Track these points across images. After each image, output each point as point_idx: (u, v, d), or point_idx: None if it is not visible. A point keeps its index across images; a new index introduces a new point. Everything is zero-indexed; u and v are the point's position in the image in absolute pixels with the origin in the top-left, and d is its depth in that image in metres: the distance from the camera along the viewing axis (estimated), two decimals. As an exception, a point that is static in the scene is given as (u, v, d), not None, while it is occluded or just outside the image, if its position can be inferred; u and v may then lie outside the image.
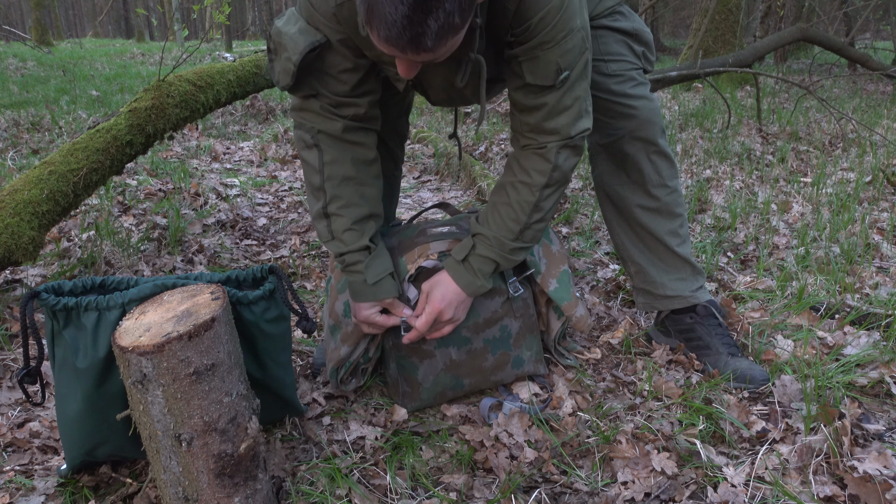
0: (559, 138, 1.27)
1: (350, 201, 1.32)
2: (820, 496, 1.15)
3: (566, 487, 1.21)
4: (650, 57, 1.51)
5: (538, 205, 1.31)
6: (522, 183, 1.31)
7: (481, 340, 1.42)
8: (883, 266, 2.19)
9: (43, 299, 1.04)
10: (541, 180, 1.30)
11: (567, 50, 1.20)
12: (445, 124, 4.82)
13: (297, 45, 1.21)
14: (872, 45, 11.79)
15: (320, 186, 1.33)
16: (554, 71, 1.21)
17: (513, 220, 1.32)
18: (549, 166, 1.29)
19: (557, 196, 1.34)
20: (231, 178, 3.31)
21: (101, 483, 1.19)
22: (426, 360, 1.39)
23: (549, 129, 1.27)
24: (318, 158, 1.32)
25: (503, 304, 1.43)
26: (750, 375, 1.47)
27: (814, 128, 4.56)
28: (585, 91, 1.28)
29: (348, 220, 1.32)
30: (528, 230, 1.33)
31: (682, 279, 1.61)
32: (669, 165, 1.54)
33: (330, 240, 1.34)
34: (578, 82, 1.25)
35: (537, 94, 1.25)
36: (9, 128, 4.32)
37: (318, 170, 1.32)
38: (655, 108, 1.49)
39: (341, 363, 1.41)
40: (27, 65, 8.64)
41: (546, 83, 1.22)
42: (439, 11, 0.94)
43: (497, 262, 1.34)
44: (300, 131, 1.33)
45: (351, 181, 1.33)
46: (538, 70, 1.21)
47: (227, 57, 9.04)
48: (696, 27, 7.08)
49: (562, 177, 1.31)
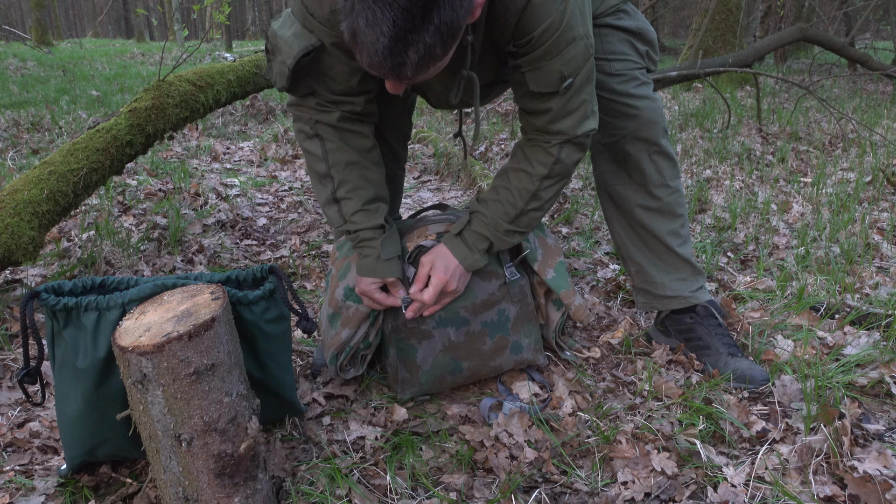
0: (564, 138, 1.30)
1: (357, 184, 1.36)
2: (820, 496, 1.15)
3: (566, 487, 1.21)
4: (654, 56, 1.51)
5: (536, 193, 1.35)
6: (524, 171, 1.34)
7: (479, 323, 1.43)
8: (883, 266, 2.19)
9: (43, 299, 1.04)
10: (542, 171, 1.33)
11: (570, 59, 1.21)
12: (445, 124, 4.82)
13: (292, 49, 1.23)
14: (872, 45, 11.80)
15: (326, 173, 1.36)
16: (557, 79, 1.22)
17: (510, 203, 1.35)
18: (552, 159, 1.32)
19: (557, 188, 1.37)
20: (231, 178, 3.31)
21: (101, 483, 1.19)
22: (425, 342, 1.41)
23: (554, 131, 1.29)
24: (321, 147, 1.35)
25: (500, 288, 1.45)
26: (750, 375, 1.47)
27: (814, 128, 4.56)
28: (591, 94, 1.29)
29: (358, 202, 1.36)
30: (524, 216, 1.37)
31: (683, 279, 1.61)
32: (671, 165, 1.54)
33: (342, 223, 1.38)
34: (583, 87, 1.27)
35: (542, 100, 1.27)
36: (9, 128, 4.32)
37: (323, 157, 1.35)
38: (658, 108, 1.49)
39: (341, 348, 1.42)
40: (27, 65, 8.64)
41: (550, 90, 1.24)
42: (419, 44, 0.95)
43: (490, 240, 1.38)
44: (299, 123, 1.37)
45: (355, 166, 1.36)
46: (542, 79, 1.23)
47: (227, 57, 9.04)
48: (696, 27, 7.07)
49: (563, 170, 1.34)
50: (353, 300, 1.41)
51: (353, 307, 1.41)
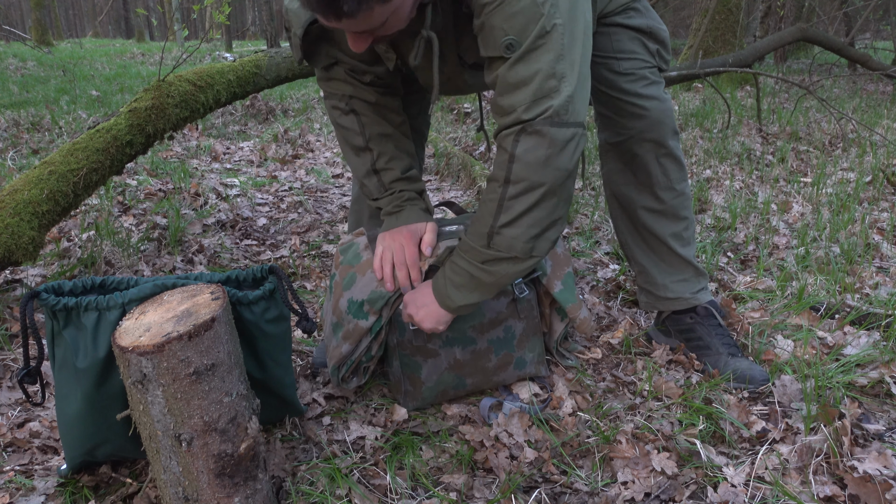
0: (515, 120, 1.11)
1: (394, 155, 1.41)
2: (820, 496, 1.15)
3: (566, 487, 1.21)
4: (665, 55, 1.49)
5: (502, 204, 1.14)
6: (490, 179, 1.18)
7: (486, 341, 1.42)
8: (883, 266, 2.19)
9: (43, 299, 1.04)
10: (499, 174, 1.15)
11: (511, 14, 1.07)
12: (445, 124, 4.82)
13: (300, 19, 1.25)
14: (872, 45, 11.79)
15: (364, 146, 1.40)
16: (501, 39, 1.09)
17: (481, 221, 1.18)
18: (506, 156, 1.13)
19: (531, 201, 1.13)
20: (231, 178, 3.31)
21: (101, 483, 1.19)
22: (430, 359, 1.39)
23: (505, 108, 1.13)
24: (357, 122, 1.39)
25: (508, 305, 1.43)
26: (750, 375, 1.47)
27: (814, 128, 4.56)
28: (548, 68, 1.09)
29: (398, 171, 1.41)
30: (498, 236, 1.16)
31: (685, 281, 1.61)
32: (678, 168, 1.53)
33: (383, 192, 1.41)
34: (535, 54, 1.09)
35: (491, 68, 1.15)
36: (9, 128, 4.32)
37: (360, 132, 1.39)
38: (667, 108, 1.47)
39: (342, 361, 1.39)
40: (27, 65, 8.64)
41: (495, 53, 1.11)
42: None
43: (472, 274, 1.21)
44: (332, 101, 1.40)
45: (390, 138, 1.41)
46: (486, 38, 1.12)
47: (227, 57, 9.04)
48: (696, 27, 7.07)
49: (526, 173, 1.11)
50: (354, 315, 1.37)
51: (353, 322, 1.37)
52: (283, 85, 4.45)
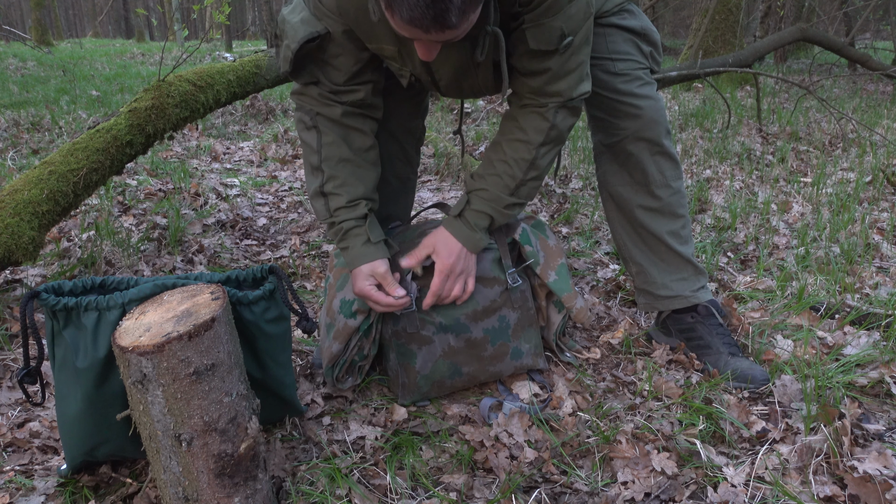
0: (560, 100, 1.30)
1: (346, 181, 1.37)
2: (820, 496, 1.15)
3: (566, 487, 1.21)
4: (657, 57, 1.52)
5: (534, 162, 1.35)
6: (519, 141, 1.34)
7: (480, 330, 1.43)
8: (883, 266, 2.19)
9: (43, 299, 1.04)
10: (538, 138, 1.33)
11: (571, 15, 1.21)
12: (445, 124, 4.82)
13: (297, 35, 1.26)
14: (872, 45, 11.79)
15: (318, 166, 1.38)
16: (558, 36, 1.22)
17: (509, 175, 1.35)
18: (547, 125, 1.32)
19: (553, 154, 1.38)
20: (231, 178, 3.31)
21: (101, 483, 1.19)
22: (425, 347, 1.41)
23: (550, 92, 1.29)
24: (316, 139, 1.37)
25: (501, 294, 1.44)
26: (750, 375, 1.47)
27: (814, 128, 4.56)
28: (587, 55, 1.30)
29: (344, 199, 1.37)
30: (524, 187, 1.37)
31: (684, 279, 1.61)
32: (673, 166, 1.54)
33: (328, 217, 1.39)
34: (582, 47, 1.27)
35: (541, 60, 1.26)
36: (9, 128, 4.32)
37: (316, 150, 1.37)
38: (661, 108, 1.49)
39: (334, 360, 1.41)
40: (27, 65, 8.64)
41: (550, 48, 1.23)
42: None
43: (492, 216, 1.38)
44: (300, 113, 1.39)
45: (348, 163, 1.38)
46: (542, 36, 1.22)
47: (227, 57, 9.04)
48: (696, 27, 7.07)
49: (558, 136, 1.35)
50: (344, 314, 1.39)
51: (343, 321, 1.39)
52: (283, 85, 4.45)
